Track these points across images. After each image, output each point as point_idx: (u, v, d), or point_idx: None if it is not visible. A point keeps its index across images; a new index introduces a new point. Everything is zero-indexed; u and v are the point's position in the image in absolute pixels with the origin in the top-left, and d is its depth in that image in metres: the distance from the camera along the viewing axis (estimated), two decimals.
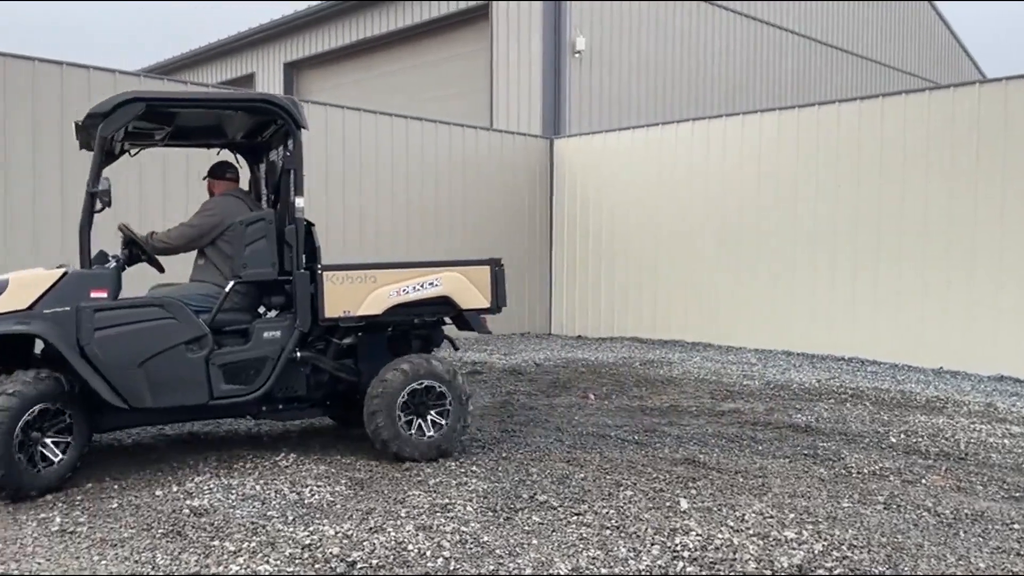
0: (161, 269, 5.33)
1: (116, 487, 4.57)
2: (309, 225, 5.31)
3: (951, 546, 3.77)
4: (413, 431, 5.08)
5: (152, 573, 3.43)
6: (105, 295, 4.63)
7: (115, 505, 4.26)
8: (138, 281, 5.41)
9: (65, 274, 4.58)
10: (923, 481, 4.84)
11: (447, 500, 4.34)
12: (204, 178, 5.55)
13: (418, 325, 5.45)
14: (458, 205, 11.45)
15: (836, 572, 3.45)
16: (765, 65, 17.43)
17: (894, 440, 5.84)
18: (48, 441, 4.41)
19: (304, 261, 5.17)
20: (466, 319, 5.42)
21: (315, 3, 17.56)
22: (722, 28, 16.39)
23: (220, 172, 5.50)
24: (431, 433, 5.12)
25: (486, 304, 5.40)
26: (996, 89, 8.73)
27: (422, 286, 5.23)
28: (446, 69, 15.82)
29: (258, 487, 4.53)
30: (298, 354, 5.02)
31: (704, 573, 3.44)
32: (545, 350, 10.56)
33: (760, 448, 5.58)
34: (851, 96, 10.24)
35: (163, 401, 4.70)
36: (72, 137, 5.56)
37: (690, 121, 11.22)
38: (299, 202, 5.07)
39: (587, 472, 4.90)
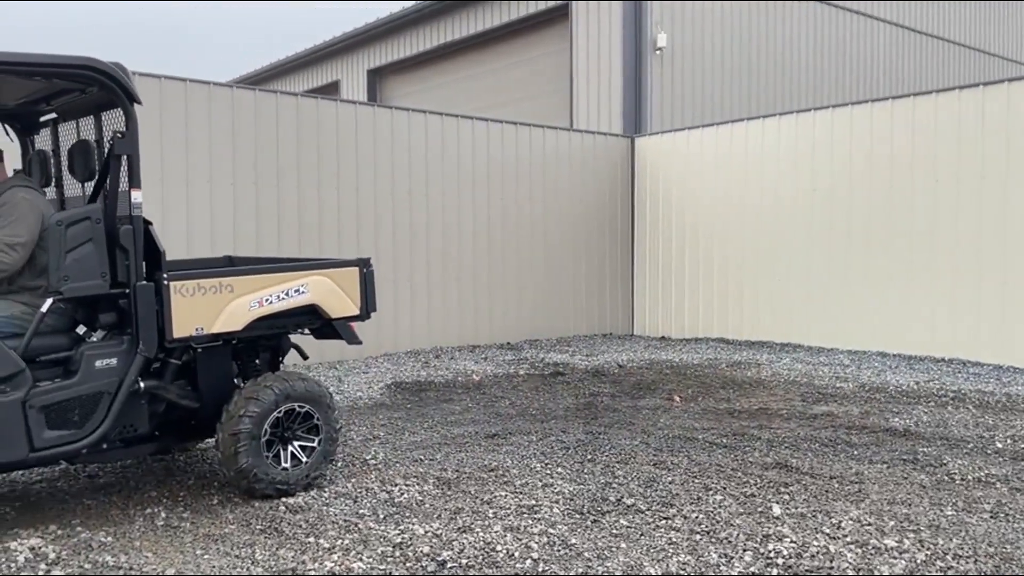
0: None
1: (216, 483, 4.74)
2: (147, 224, 4.21)
3: None
4: (283, 462, 4.41)
5: (251, 567, 3.56)
6: None
7: (215, 501, 4.42)
8: None
9: None
10: None
11: (534, 501, 4.35)
12: None
13: (267, 335, 4.71)
14: (538, 206, 11.46)
15: None
16: (854, 56, 16.86)
17: (1000, 445, 5.56)
18: None
19: (144, 269, 4.14)
20: (335, 328, 4.78)
21: (398, 10, 17.88)
22: (808, 18, 15.93)
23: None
24: (301, 464, 4.47)
25: (356, 311, 4.75)
26: None
27: (287, 294, 4.49)
28: (526, 71, 15.87)
29: (349, 485, 4.63)
30: (141, 384, 4.07)
31: None
32: (628, 351, 10.47)
33: (855, 453, 5.40)
34: (950, 86, 9.79)
35: None
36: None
37: (777, 116, 10.93)
38: (136, 196, 4.05)
39: (675, 475, 4.83)
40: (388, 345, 9.88)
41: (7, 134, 4.82)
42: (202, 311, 4.18)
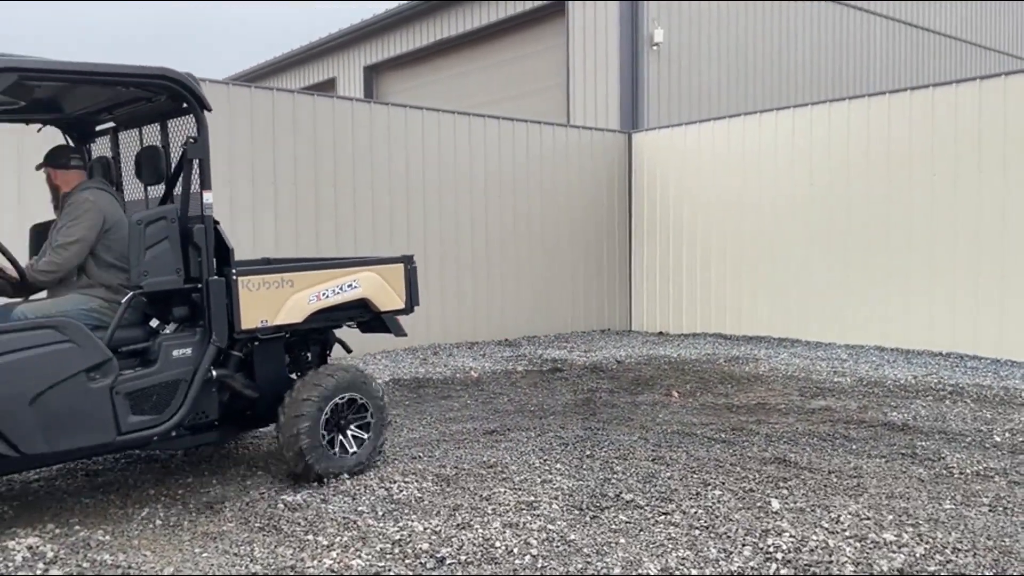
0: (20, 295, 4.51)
1: (214, 481, 4.74)
2: (215, 223, 4.53)
3: None
4: (337, 448, 4.69)
5: (250, 565, 3.55)
6: None
7: (214, 499, 4.42)
8: None
9: None
10: None
11: (533, 497, 4.35)
12: (39, 167, 4.68)
13: (317, 329, 4.99)
14: (536, 203, 11.45)
15: None
16: (852, 51, 16.85)
17: (998, 439, 5.57)
18: None
19: (215, 265, 4.45)
20: (384, 322, 5.08)
21: (393, 6, 17.84)
22: (804, 13, 15.92)
23: (65, 160, 4.60)
24: (354, 450, 4.75)
25: (401, 305, 5.09)
26: None
27: (341, 288, 4.82)
28: (522, 67, 15.85)
29: (348, 483, 4.63)
30: (213, 373, 4.38)
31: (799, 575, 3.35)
32: (626, 347, 10.47)
33: (854, 447, 5.40)
34: (947, 80, 9.79)
35: (57, 444, 3.86)
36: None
37: (774, 111, 10.93)
38: (207, 197, 4.39)
39: (673, 471, 4.83)
40: (386, 342, 9.87)
41: (67, 142, 5.08)
42: (266, 305, 4.50)
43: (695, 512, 4.09)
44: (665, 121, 13.53)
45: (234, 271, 4.40)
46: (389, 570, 3.46)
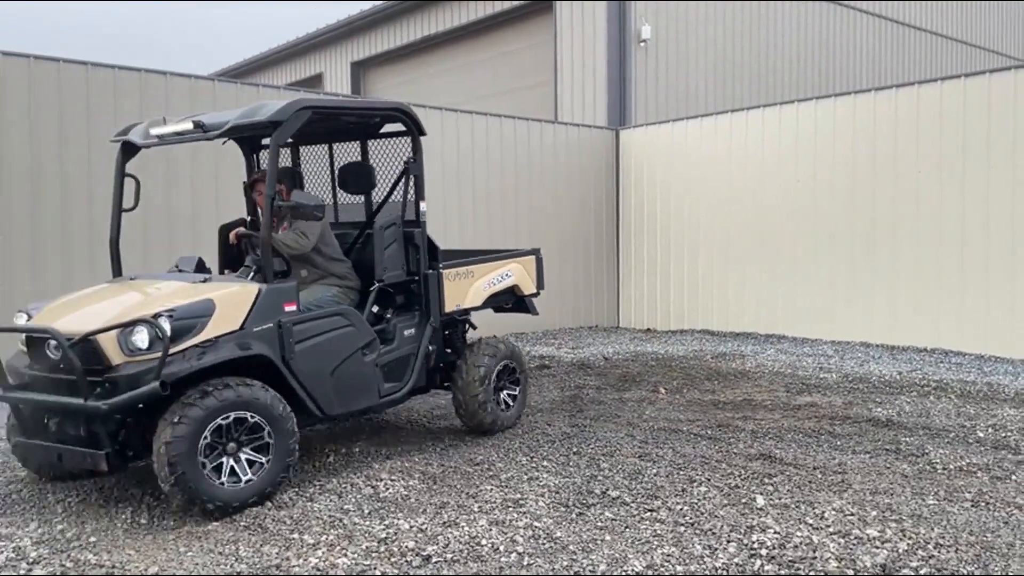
0: (281, 274, 5.11)
1: None
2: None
3: None
4: (501, 407, 5.74)
5: (235, 564, 3.54)
6: (295, 308, 4.57)
7: None
8: None
9: (260, 290, 4.43)
10: (1013, 477, 4.64)
11: (519, 495, 4.35)
12: (253, 180, 5.51)
13: (466, 310, 5.82)
14: (523, 199, 11.44)
15: (922, 572, 3.34)
16: (838, 48, 16.91)
17: (981, 435, 5.61)
18: (242, 457, 4.17)
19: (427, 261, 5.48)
20: (524, 304, 6.20)
21: (380, 2, 17.77)
22: (791, 10, 15.96)
23: (289, 176, 5.55)
24: (511, 407, 5.84)
25: (535, 290, 6.18)
26: None
27: (502, 277, 5.90)
28: (510, 64, 15.83)
29: (334, 481, 4.62)
30: (431, 348, 5.43)
31: (783, 572, 3.37)
32: (614, 343, 10.49)
33: (839, 443, 5.43)
34: (933, 77, 9.83)
35: (347, 406, 4.86)
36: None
37: (761, 108, 10.96)
38: (423, 205, 5.43)
39: (659, 468, 4.85)
40: None
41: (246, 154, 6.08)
42: (459, 292, 5.59)
43: (681, 509, 4.11)
44: (653, 118, 13.53)
45: (440, 265, 5.44)
46: (375, 568, 3.45)
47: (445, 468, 4.88)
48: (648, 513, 4.06)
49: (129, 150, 5.17)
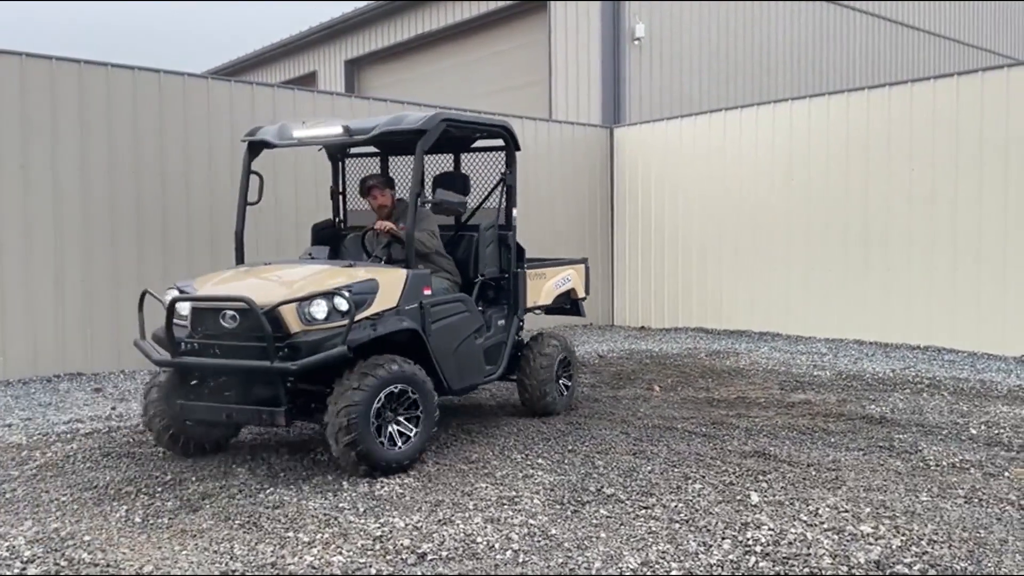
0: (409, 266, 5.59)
1: (194, 479, 4.71)
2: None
3: None
4: (560, 394, 6.30)
5: (230, 563, 3.53)
6: (430, 292, 5.12)
7: (194, 497, 4.39)
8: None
9: (408, 275, 4.98)
10: (1006, 474, 4.66)
11: (514, 493, 4.36)
12: (369, 186, 5.81)
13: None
14: (518, 197, 11.42)
15: (915, 568, 3.36)
16: (832, 47, 16.95)
17: (974, 432, 5.64)
18: (401, 419, 4.71)
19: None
20: (576, 306, 6.82)
21: (374, 1, 17.73)
22: (786, 9, 15.99)
23: (387, 181, 5.92)
24: (566, 393, 6.37)
25: (584, 294, 6.84)
26: None
27: (564, 281, 6.55)
28: (504, 62, 15.82)
29: (329, 479, 4.62)
30: (516, 337, 6.04)
31: (777, 568, 3.38)
32: (608, 341, 10.50)
33: (833, 440, 5.45)
34: (926, 75, 9.86)
35: (464, 382, 5.46)
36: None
37: (755, 106, 10.98)
38: (514, 212, 6.09)
39: (654, 465, 4.86)
40: None
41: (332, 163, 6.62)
42: (536, 290, 6.25)
43: (675, 506, 4.12)
44: (647, 116, 13.55)
45: (524, 265, 6.05)
46: (370, 566, 3.45)
47: (440, 466, 4.88)
48: (643, 510, 4.07)
49: (255, 149, 5.69)
